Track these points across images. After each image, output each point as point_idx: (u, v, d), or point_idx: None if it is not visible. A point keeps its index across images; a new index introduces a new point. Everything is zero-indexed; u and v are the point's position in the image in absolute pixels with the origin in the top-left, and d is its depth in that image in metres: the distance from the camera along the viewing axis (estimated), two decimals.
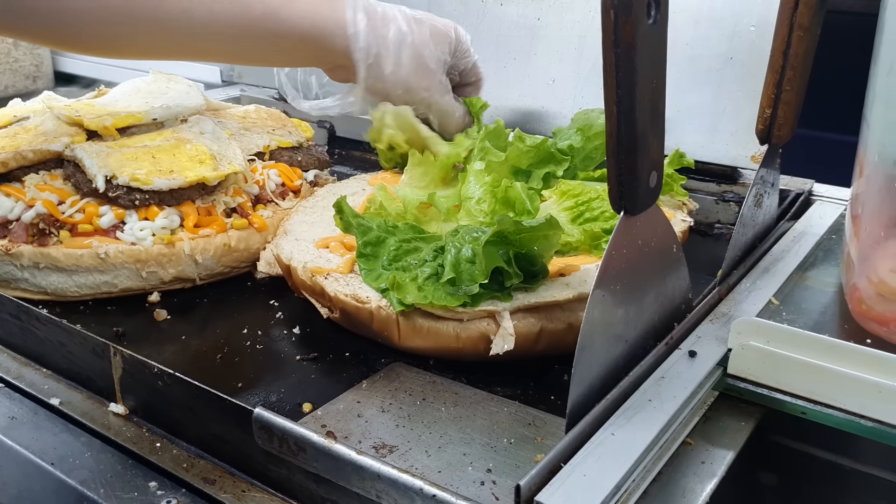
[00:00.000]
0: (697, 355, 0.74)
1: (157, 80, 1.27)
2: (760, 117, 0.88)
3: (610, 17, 0.58)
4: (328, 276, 0.88)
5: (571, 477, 0.57)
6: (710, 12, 1.19)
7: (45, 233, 0.98)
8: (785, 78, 0.84)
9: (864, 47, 0.81)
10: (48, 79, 2.24)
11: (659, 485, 0.63)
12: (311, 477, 0.67)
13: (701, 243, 1.16)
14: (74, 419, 0.81)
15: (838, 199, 1.13)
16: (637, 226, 0.67)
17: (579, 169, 1.11)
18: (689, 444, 0.68)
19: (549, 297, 0.81)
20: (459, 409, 0.76)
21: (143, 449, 0.76)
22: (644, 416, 0.65)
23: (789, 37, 0.83)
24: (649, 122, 0.63)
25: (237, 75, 1.81)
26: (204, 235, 1.00)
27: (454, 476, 0.66)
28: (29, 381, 0.86)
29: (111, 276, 0.97)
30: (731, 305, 0.83)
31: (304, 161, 1.21)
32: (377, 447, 0.70)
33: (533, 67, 1.37)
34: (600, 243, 0.90)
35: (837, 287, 0.89)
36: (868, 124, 0.80)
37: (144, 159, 1.01)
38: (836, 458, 0.81)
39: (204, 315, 0.98)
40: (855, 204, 0.84)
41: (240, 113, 1.29)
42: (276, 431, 0.66)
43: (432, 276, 0.82)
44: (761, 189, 0.92)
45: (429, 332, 0.82)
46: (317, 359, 0.87)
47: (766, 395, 0.73)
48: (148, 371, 0.76)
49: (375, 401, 0.77)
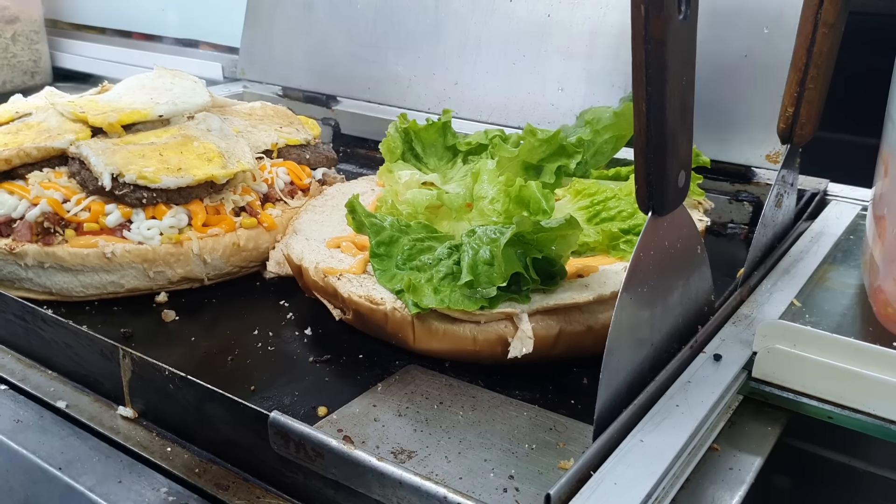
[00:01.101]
0: (722, 359, 0.72)
1: (162, 76, 1.25)
2: (782, 116, 0.87)
3: (640, 11, 0.57)
4: (341, 277, 0.86)
5: (602, 485, 0.56)
6: (725, 10, 1.17)
7: (49, 232, 0.96)
8: (808, 76, 0.83)
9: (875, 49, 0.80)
10: (46, 74, 2.22)
11: (687, 492, 0.62)
12: (328, 483, 0.65)
13: (714, 243, 1.15)
14: (82, 423, 0.79)
15: (854, 199, 1.12)
16: (665, 226, 0.65)
17: (591, 165, 1.09)
18: (716, 449, 0.67)
19: (568, 298, 0.80)
20: (478, 413, 0.75)
21: (154, 454, 0.74)
22: (672, 421, 0.63)
23: (813, 34, 0.81)
24: (679, 120, 0.61)
25: (240, 71, 1.79)
26: (212, 234, 0.98)
27: (476, 483, 0.65)
28: (35, 384, 0.84)
29: (118, 275, 0.95)
30: (754, 307, 0.82)
31: (313, 159, 1.19)
32: (396, 452, 0.68)
33: (542, 64, 1.35)
34: (618, 243, 0.89)
35: (858, 288, 0.88)
36: (893, 122, 0.79)
37: (152, 157, 0.99)
38: (849, 460, 0.80)
39: (213, 316, 0.96)
40: (879, 204, 0.82)
41: (246, 110, 1.27)
42: (293, 437, 0.64)
43: (448, 275, 0.80)
44: (782, 189, 0.91)
45: (445, 334, 0.80)
46: (330, 361, 0.85)
47: (792, 399, 0.71)
48: (158, 374, 0.74)
49: (391, 404, 0.76)
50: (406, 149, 1.17)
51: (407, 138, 1.17)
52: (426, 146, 1.18)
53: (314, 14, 1.63)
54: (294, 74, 1.68)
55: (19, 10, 2.14)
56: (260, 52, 1.74)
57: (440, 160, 1.17)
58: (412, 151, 1.18)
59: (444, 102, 1.44)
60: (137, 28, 2.24)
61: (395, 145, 1.14)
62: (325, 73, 1.62)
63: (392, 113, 1.46)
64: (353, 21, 1.57)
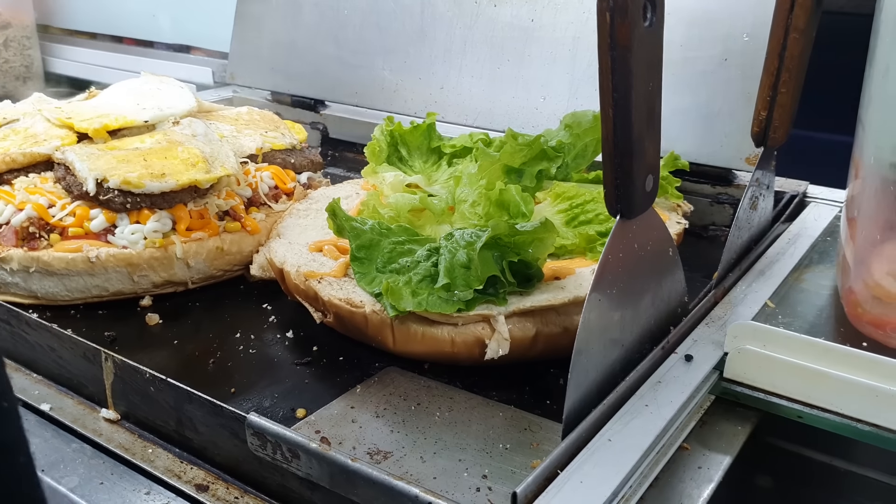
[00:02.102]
0: (694, 359, 0.74)
1: (149, 82, 1.27)
2: (756, 120, 0.88)
3: (606, 19, 0.58)
4: (322, 281, 0.87)
5: (568, 484, 0.57)
6: (705, 14, 1.18)
7: (35, 236, 0.97)
8: (780, 80, 0.84)
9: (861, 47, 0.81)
10: (38, 79, 2.23)
11: (656, 490, 0.63)
12: (305, 484, 0.67)
13: (695, 245, 1.16)
14: (65, 425, 0.80)
15: (833, 201, 1.13)
16: (633, 229, 0.67)
17: (571, 168, 1.10)
18: (686, 448, 0.68)
19: (545, 300, 0.81)
20: (454, 414, 0.76)
21: (135, 455, 0.75)
22: (641, 421, 0.65)
23: (785, 39, 0.82)
24: (645, 125, 0.63)
25: (229, 76, 1.80)
26: (196, 239, 0.99)
27: (449, 482, 0.66)
28: (19, 387, 0.85)
29: (102, 279, 0.96)
30: (727, 309, 0.83)
31: (298, 163, 1.20)
32: (372, 453, 0.69)
33: (526, 69, 1.37)
34: (595, 246, 0.90)
35: (833, 290, 0.89)
36: (864, 126, 0.80)
37: (136, 162, 1.00)
38: (831, 460, 0.80)
39: (196, 319, 0.97)
40: (850, 207, 0.84)
41: (232, 115, 1.28)
42: (270, 438, 0.66)
43: (426, 278, 0.82)
44: (757, 191, 0.92)
45: (423, 336, 0.81)
46: (310, 363, 0.86)
47: (763, 399, 0.72)
48: (140, 376, 0.75)
49: (370, 406, 0.77)
50: (391, 151, 1.18)
51: (392, 141, 1.18)
52: (411, 149, 1.19)
53: (302, 20, 1.64)
54: (282, 79, 1.69)
55: (11, 15, 2.16)
56: (249, 58, 1.75)
57: (425, 162, 1.18)
58: (397, 154, 1.19)
59: (430, 106, 1.45)
60: (129, 33, 2.25)
61: (380, 148, 1.15)
62: (313, 78, 1.63)
63: (379, 117, 1.46)
64: (340, 26, 1.58)
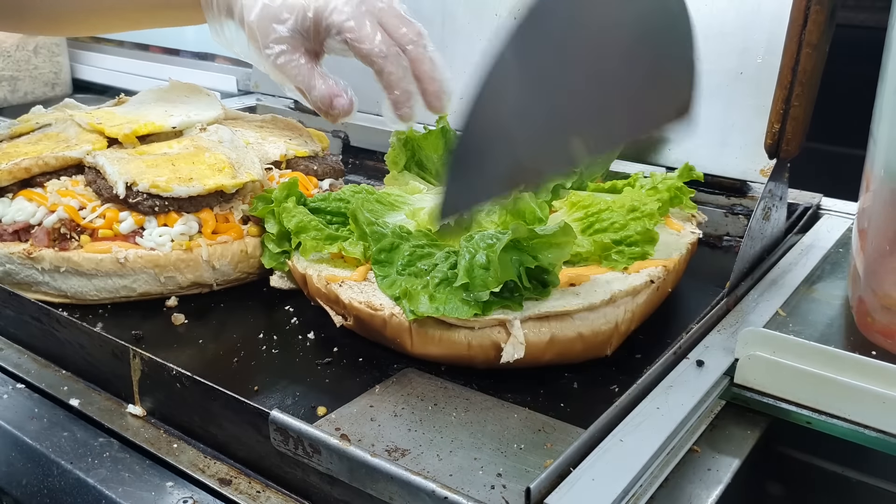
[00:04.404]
0: (705, 365, 0.75)
1: (176, 89, 1.30)
2: (769, 132, 0.90)
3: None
4: (343, 284, 0.90)
5: (581, 481, 0.59)
6: (721, 28, 1.20)
7: (66, 237, 1.00)
8: (793, 94, 0.86)
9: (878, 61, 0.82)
10: (66, 86, 2.28)
11: (665, 490, 0.64)
12: (325, 479, 0.69)
13: (710, 255, 1.17)
14: (93, 420, 0.82)
15: (846, 213, 1.14)
16: None
17: (586, 177, 1.12)
18: (696, 451, 0.70)
19: (560, 306, 0.83)
20: (470, 414, 0.78)
21: (161, 450, 0.78)
22: (652, 423, 0.66)
23: (798, 53, 0.84)
24: None
25: (253, 85, 1.84)
26: (221, 242, 1.02)
27: (465, 479, 0.68)
28: (49, 383, 0.88)
29: (130, 280, 0.99)
30: (739, 316, 0.85)
31: (320, 170, 1.23)
32: (390, 450, 0.72)
33: None
34: (610, 254, 0.91)
35: (844, 300, 0.90)
36: (875, 140, 0.82)
37: (164, 166, 1.03)
38: (842, 469, 0.81)
39: (220, 320, 1.00)
40: (861, 218, 0.85)
41: (257, 122, 1.31)
42: (292, 433, 0.68)
43: (444, 281, 0.84)
44: (769, 202, 0.93)
45: (441, 339, 0.83)
46: (331, 364, 0.88)
47: (772, 405, 0.74)
48: (166, 373, 0.78)
49: (388, 405, 0.79)
50: (409, 158, 1.20)
51: (409, 148, 1.20)
52: (429, 154, 1.21)
53: None
54: None
55: None
56: None
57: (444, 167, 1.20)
58: (415, 160, 1.21)
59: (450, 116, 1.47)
60: (155, 41, 2.29)
61: (398, 157, 1.17)
62: None
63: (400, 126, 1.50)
64: None
